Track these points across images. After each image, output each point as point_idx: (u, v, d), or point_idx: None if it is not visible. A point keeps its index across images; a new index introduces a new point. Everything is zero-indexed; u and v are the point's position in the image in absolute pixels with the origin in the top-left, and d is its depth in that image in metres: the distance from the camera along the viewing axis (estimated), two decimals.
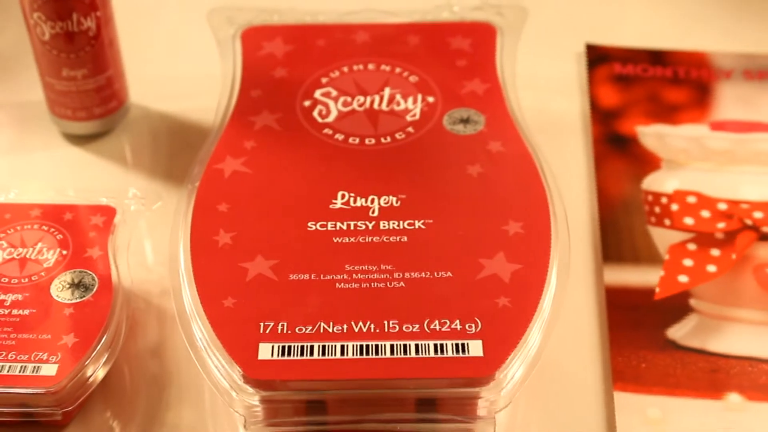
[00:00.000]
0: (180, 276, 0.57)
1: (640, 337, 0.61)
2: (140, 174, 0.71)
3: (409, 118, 0.66)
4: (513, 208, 0.60)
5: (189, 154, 0.65)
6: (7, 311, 0.58)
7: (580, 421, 0.58)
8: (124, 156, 0.72)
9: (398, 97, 0.67)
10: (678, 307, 0.62)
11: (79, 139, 0.73)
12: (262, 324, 0.54)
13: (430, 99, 0.67)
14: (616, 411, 0.58)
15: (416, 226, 0.59)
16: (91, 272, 0.60)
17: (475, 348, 0.53)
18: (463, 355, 0.53)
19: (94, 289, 0.59)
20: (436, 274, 0.57)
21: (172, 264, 0.58)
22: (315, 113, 0.66)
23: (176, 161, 0.70)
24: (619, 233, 0.66)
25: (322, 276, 0.57)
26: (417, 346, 0.53)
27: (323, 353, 0.53)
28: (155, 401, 0.59)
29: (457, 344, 0.54)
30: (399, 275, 0.57)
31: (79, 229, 0.62)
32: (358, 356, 0.53)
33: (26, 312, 0.58)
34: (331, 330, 0.54)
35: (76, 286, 0.59)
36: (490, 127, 0.65)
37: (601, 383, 0.60)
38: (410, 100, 0.67)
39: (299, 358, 0.53)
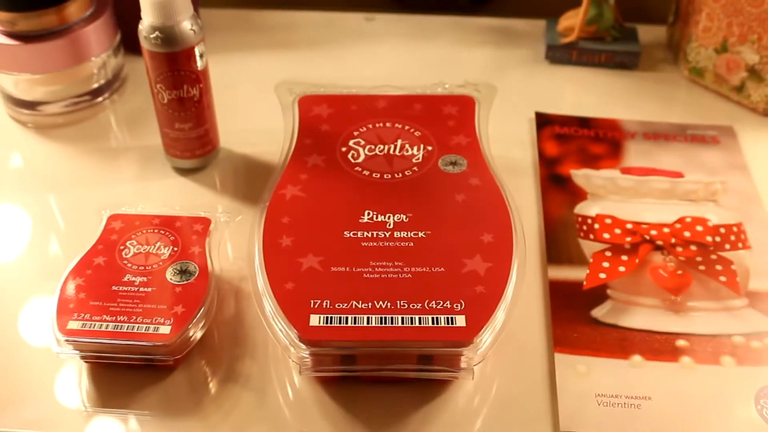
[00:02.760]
0: (255, 267, 0.57)
1: (573, 315, 0.61)
2: (227, 196, 0.71)
3: (414, 160, 0.65)
4: (486, 224, 0.60)
5: (261, 183, 0.65)
6: (136, 289, 0.57)
7: (531, 373, 0.58)
8: (215, 184, 0.72)
9: (407, 146, 0.66)
10: (599, 295, 0.62)
11: (184, 172, 0.73)
12: (312, 301, 0.54)
13: (429, 148, 0.66)
14: (556, 367, 0.58)
15: (419, 236, 0.59)
16: (193, 263, 0.60)
17: (460, 321, 0.53)
18: (451, 326, 0.53)
19: (196, 275, 0.59)
20: (433, 269, 0.57)
21: (249, 259, 0.58)
22: (349, 156, 0.66)
23: (252, 188, 0.70)
24: (559, 243, 0.66)
25: (354, 269, 0.57)
26: (420, 318, 0.53)
27: (354, 322, 0.53)
28: (236, 354, 0.58)
29: (447, 317, 0.54)
30: (407, 269, 0.56)
31: (185, 233, 0.62)
32: (379, 325, 0.53)
33: (149, 289, 0.58)
34: (360, 306, 0.54)
35: (183, 272, 0.59)
36: (471, 168, 0.65)
37: (546, 347, 0.59)
38: (415, 148, 0.66)
39: (337, 325, 0.53)
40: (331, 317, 0.53)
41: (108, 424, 0.54)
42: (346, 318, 0.53)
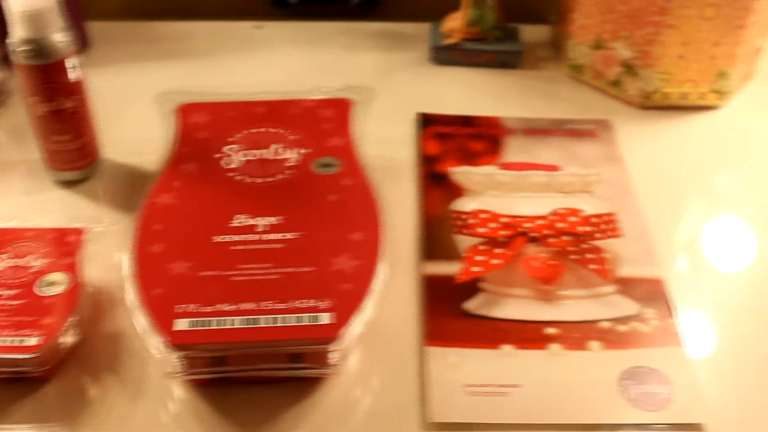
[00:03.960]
0: (127, 275, 0.57)
1: (445, 308, 0.62)
2: (109, 207, 0.70)
3: (288, 164, 0.66)
4: (356, 222, 0.61)
5: (140, 191, 0.65)
6: (2, 303, 0.57)
7: (403, 367, 0.59)
8: (98, 195, 0.72)
9: (282, 150, 0.67)
10: (471, 288, 0.63)
11: (67, 184, 0.72)
12: (179, 306, 0.55)
13: (304, 151, 0.67)
14: (428, 359, 0.58)
15: (289, 237, 0.60)
16: (64, 274, 0.59)
17: (325, 318, 0.54)
18: (316, 324, 0.54)
19: (66, 286, 0.59)
20: (301, 269, 0.57)
21: (123, 266, 0.58)
22: (224, 162, 0.66)
23: (133, 198, 0.69)
24: (435, 239, 0.67)
25: (222, 272, 0.57)
26: (285, 318, 0.54)
27: (219, 325, 0.54)
28: (112, 363, 0.58)
29: (312, 316, 0.54)
30: (275, 270, 0.57)
31: (58, 245, 0.62)
32: (244, 326, 0.54)
33: (17, 303, 0.57)
34: (226, 308, 0.55)
35: (52, 284, 0.59)
36: (344, 169, 0.65)
37: (419, 341, 0.60)
38: (291, 152, 0.67)
39: (203, 328, 0.53)
40: (197, 321, 0.54)
41: None
42: (210, 321, 0.54)
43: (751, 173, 0.76)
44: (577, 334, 0.60)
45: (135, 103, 0.81)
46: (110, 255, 0.65)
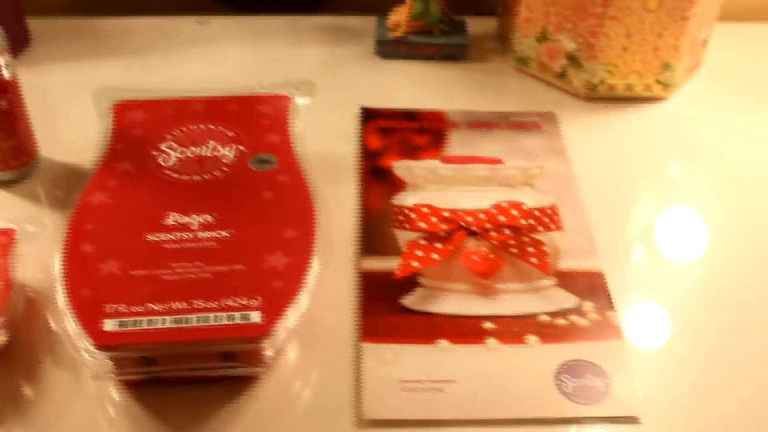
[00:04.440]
0: (57, 275, 0.57)
1: (383, 304, 0.61)
2: (45, 207, 0.70)
3: (225, 161, 0.65)
4: (290, 219, 0.60)
5: (77, 191, 0.64)
6: None
7: (339, 364, 0.58)
8: (34, 195, 0.71)
9: (219, 147, 0.66)
10: (409, 283, 0.63)
11: (2, 184, 0.71)
12: (108, 306, 0.54)
13: (241, 147, 0.66)
14: (363, 355, 0.58)
15: (223, 235, 0.59)
16: None
17: (255, 317, 0.54)
18: (246, 322, 0.53)
19: None
20: (233, 267, 0.57)
21: (55, 266, 0.57)
22: (160, 160, 0.65)
23: (69, 196, 0.68)
24: (374, 235, 0.67)
25: (153, 271, 0.56)
26: (215, 317, 0.54)
27: (149, 324, 0.53)
28: (43, 365, 0.58)
29: (243, 314, 0.54)
30: (208, 269, 0.57)
31: None
32: (173, 326, 0.53)
33: None
34: (156, 308, 0.54)
35: None
36: (281, 165, 0.65)
37: (354, 337, 0.60)
38: (227, 149, 0.66)
39: (132, 329, 0.53)
40: (126, 321, 0.53)
41: None
42: (141, 321, 0.53)
43: (696, 165, 0.76)
44: (514, 328, 0.60)
45: (75, 101, 0.80)
46: (44, 255, 0.64)
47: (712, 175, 0.75)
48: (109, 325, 0.53)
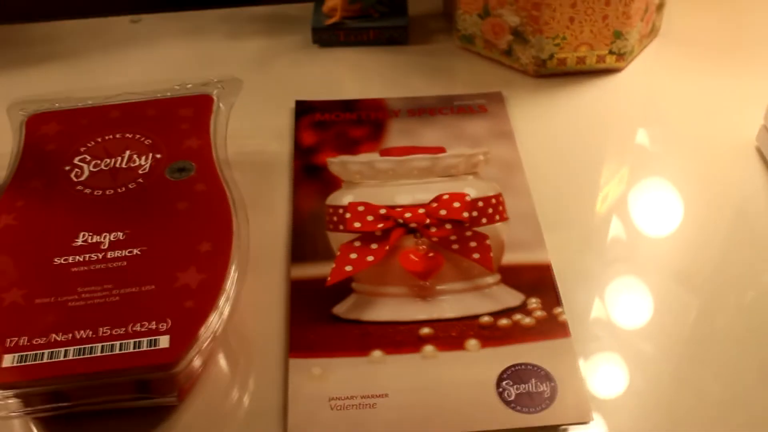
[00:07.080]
0: None
1: (313, 315, 0.58)
2: None
3: (140, 171, 0.62)
4: (205, 231, 0.57)
5: None
6: None
7: (265, 382, 0.55)
8: None
9: (135, 156, 0.63)
10: (342, 290, 0.60)
11: None
12: (9, 340, 0.51)
13: (158, 156, 0.63)
14: (290, 372, 0.55)
15: (134, 253, 0.56)
16: None
17: (164, 341, 0.51)
18: (154, 348, 0.50)
19: None
20: (142, 288, 0.54)
21: None
22: (72, 175, 0.62)
23: None
24: (306, 239, 0.63)
25: (59, 298, 0.53)
26: (121, 344, 0.50)
27: (50, 357, 0.50)
28: None
29: (150, 340, 0.51)
30: (116, 292, 0.54)
31: None
32: (77, 357, 0.50)
33: None
34: (59, 339, 0.51)
35: None
36: (199, 173, 0.62)
37: (281, 352, 0.57)
38: (143, 158, 0.63)
39: (33, 363, 0.50)
40: (26, 354, 0.50)
41: None
42: (42, 354, 0.50)
43: (657, 135, 0.72)
44: (453, 333, 0.57)
45: None
46: None
47: (672, 147, 0.71)
48: (8, 360, 0.50)
